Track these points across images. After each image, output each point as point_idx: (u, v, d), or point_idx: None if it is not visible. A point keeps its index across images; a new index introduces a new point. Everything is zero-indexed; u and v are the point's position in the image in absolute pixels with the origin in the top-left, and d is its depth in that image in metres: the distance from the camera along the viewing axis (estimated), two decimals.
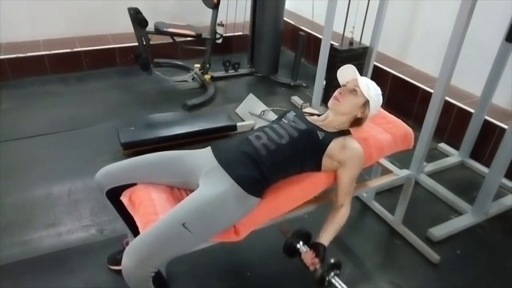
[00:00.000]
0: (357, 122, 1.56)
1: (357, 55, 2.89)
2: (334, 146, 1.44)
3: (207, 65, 3.42)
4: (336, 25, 2.70)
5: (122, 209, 1.41)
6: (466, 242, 1.98)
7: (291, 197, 1.44)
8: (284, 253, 1.40)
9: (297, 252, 1.35)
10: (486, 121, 2.43)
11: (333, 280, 1.27)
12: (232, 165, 1.36)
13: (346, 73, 1.58)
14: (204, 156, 1.45)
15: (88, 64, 3.56)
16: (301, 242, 1.36)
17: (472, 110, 2.50)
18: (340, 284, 1.26)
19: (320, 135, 1.45)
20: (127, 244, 1.62)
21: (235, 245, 1.35)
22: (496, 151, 1.95)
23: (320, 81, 2.89)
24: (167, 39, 3.26)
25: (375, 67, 3.01)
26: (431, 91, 2.10)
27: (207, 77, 3.45)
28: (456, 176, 2.47)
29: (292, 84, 3.55)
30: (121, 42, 3.66)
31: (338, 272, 1.28)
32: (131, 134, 2.52)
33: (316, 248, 1.35)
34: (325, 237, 1.39)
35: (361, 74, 1.58)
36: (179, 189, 1.48)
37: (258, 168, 1.35)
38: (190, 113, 3.01)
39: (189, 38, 3.25)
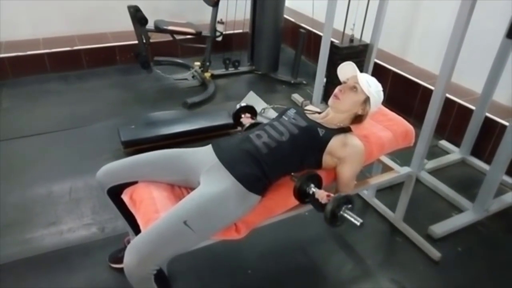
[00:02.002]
0: (357, 119, 1.56)
1: (357, 52, 2.89)
2: (334, 143, 1.44)
3: (207, 63, 3.42)
4: (336, 22, 2.69)
5: (123, 207, 1.41)
6: (467, 239, 1.98)
7: (292, 195, 1.43)
8: (296, 196, 1.34)
9: (309, 195, 1.32)
10: (487, 118, 2.43)
11: (345, 214, 1.23)
12: (233, 163, 1.36)
13: (346, 70, 1.57)
14: (205, 154, 1.44)
15: (88, 62, 3.56)
16: (312, 185, 1.32)
17: (473, 107, 2.50)
18: (352, 217, 1.22)
19: (321, 132, 1.45)
20: (128, 242, 1.62)
21: (236, 243, 1.35)
22: (497, 148, 1.95)
23: (320, 79, 2.89)
24: (167, 37, 3.26)
25: (375, 64, 3.01)
26: (432, 88, 2.09)
27: (207, 75, 3.45)
28: (457, 173, 2.47)
29: (292, 81, 3.54)
30: (121, 40, 3.66)
31: (350, 206, 1.25)
32: (132, 132, 2.52)
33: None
34: None
35: (362, 71, 1.58)
36: (180, 187, 1.48)
37: (259, 166, 1.35)
38: (190, 111, 3.01)
39: (189, 36, 3.24)
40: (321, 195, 1.29)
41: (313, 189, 1.32)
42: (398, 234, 1.98)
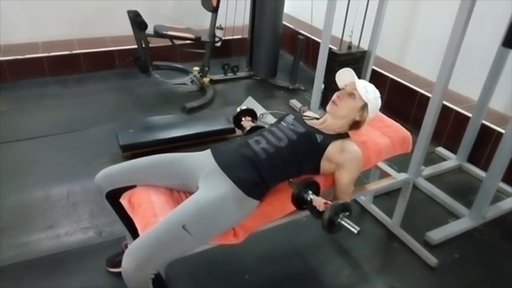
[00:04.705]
0: (355, 125, 1.57)
1: (355, 59, 2.91)
2: (332, 149, 1.45)
3: (206, 68, 3.43)
4: (334, 29, 2.72)
5: (121, 211, 1.42)
6: (463, 245, 1.99)
7: (290, 200, 1.44)
8: (294, 203, 1.35)
9: (306, 202, 1.33)
10: (483, 125, 2.45)
11: (342, 222, 1.24)
12: (232, 168, 1.37)
13: (345, 76, 1.59)
14: (203, 158, 1.45)
15: (87, 66, 3.57)
16: (310, 192, 1.33)
17: (469, 115, 2.52)
18: (349, 225, 1.23)
19: (319, 138, 1.46)
20: (126, 246, 1.62)
21: (234, 248, 1.35)
22: (493, 155, 1.96)
23: (318, 85, 2.90)
24: (166, 42, 3.27)
25: (373, 71, 3.03)
26: (429, 95, 2.11)
27: (206, 80, 3.46)
28: (454, 180, 2.48)
29: (290, 87, 3.56)
30: (120, 45, 3.67)
31: (347, 214, 1.26)
32: (130, 136, 2.52)
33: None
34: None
35: (359, 78, 1.59)
36: (179, 191, 1.48)
37: (258, 171, 1.36)
38: (189, 116, 3.02)
39: (188, 41, 3.26)
40: (318, 202, 1.30)
41: (311, 195, 1.33)
42: (395, 240, 1.99)
